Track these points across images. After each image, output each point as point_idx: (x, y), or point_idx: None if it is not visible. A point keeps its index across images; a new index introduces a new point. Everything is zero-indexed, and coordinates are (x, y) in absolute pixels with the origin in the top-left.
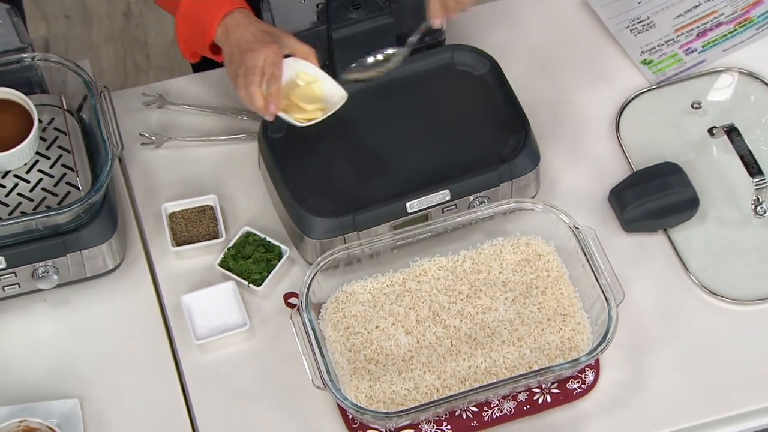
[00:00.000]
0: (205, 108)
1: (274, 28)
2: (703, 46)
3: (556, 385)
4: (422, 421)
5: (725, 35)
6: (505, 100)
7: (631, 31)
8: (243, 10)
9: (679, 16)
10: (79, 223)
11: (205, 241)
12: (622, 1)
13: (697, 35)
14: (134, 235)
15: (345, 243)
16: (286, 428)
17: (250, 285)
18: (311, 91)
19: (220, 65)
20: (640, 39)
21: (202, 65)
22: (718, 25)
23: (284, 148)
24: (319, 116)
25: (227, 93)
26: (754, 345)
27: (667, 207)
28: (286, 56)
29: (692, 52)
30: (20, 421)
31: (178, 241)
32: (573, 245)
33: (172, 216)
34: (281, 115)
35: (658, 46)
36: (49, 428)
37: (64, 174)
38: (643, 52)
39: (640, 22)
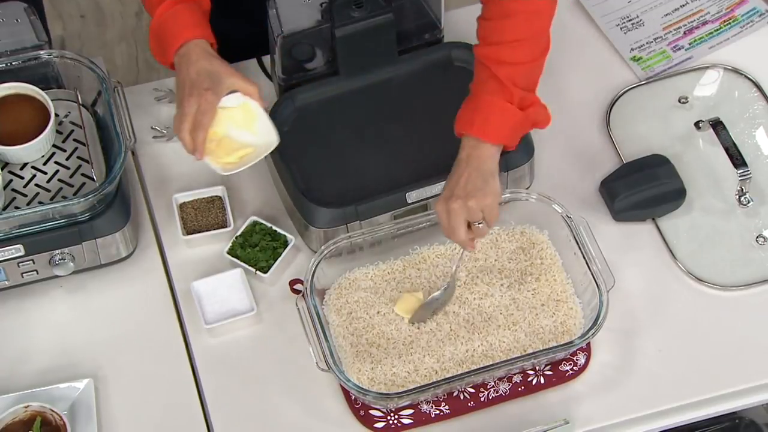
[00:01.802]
0: None
1: (221, 67)
2: (690, 44)
3: (549, 367)
4: (422, 402)
5: (711, 33)
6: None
7: (621, 29)
8: (198, 42)
9: (667, 14)
10: (94, 213)
11: (214, 230)
12: None
13: (684, 33)
14: (146, 224)
15: (348, 232)
16: (292, 409)
17: (257, 272)
18: (242, 137)
19: None
20: (629, 36)
21: None
22: (704, 23)
23: (290, 141)
24: (246, 161)
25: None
26: (737, 329)
27: (656, 197)
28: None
29: (679, 49)
30: (25, 407)
31: (189, 230)
32: (566, 234)
33: (182, 206)
34: (206, 160)
35: (646, 43)
36: (53, 411)
37: (80, 166)
38: (632, 49)
39: (629, 20)
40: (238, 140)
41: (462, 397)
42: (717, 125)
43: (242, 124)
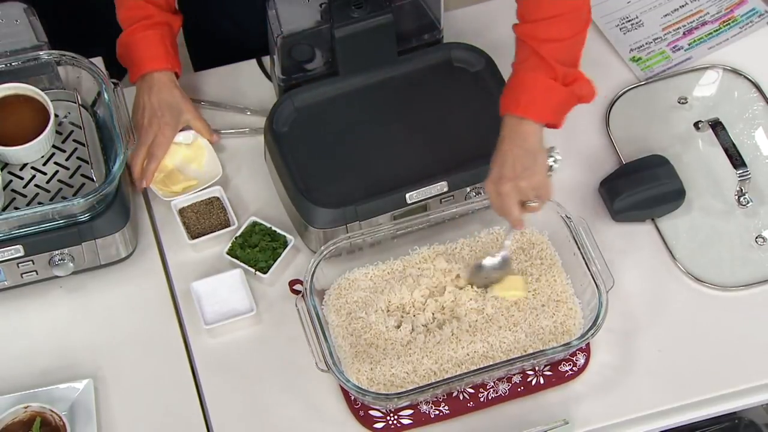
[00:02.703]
0: (211, 103)
1: (182, 102)
2: (689, 44)
3: (549, 367)
4: (421, 402)
5: (710, 33)
6: (500, 95)
7: (620, 29)
8: (165, 73)
9: (666, 15)
10: (94, 213)
11: (217, 230)
12: (612, 0)
13: (684, 33)
14: (146, 224)
15: (347, 232)
16: (291, 409)
17: (257, 272)
18: (189, 171)
19: (223, 63)
20: (629, 37)
21: (206, 64)
22: (704, 23)
23: (289, 142)
24: (189, 191)
25: (232, 89)
26: (736, 329)
27: (655, 198)
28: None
29: (679, 49)
30: (25, 407)
31: (193, 233)
32: (565, 234)
33: (182, 211)
34: (152, 187)
35: (646, 44)
36: (53, 412)
37: (79, 166)
38: (632, 50)
39: (629, 20)
40: (185, 174)
41: (461, 398)
42: (716, 126)
43: (191, 160)
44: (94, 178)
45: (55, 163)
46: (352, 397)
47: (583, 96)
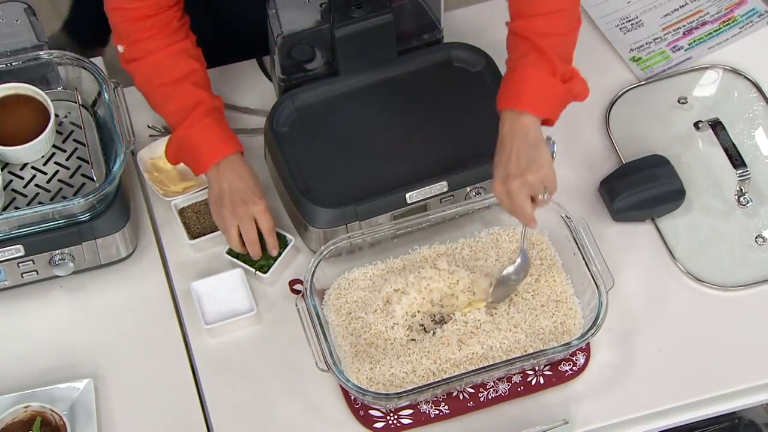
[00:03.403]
0: None
1: (255, 182)
2: (689, 44)
3: (548, 367)
4: (421, 402)
5: (710, 33)
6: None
7: (620, 29)
8: (239, 155)
9: (666, 15)
10: (94, 213)
11: (218, 230)
12: (612, 0)
13: (684, 33)
14: (146, 224)
15: (347, 232)
16: (291, 409)
17: (257, 272)
18: (186, 170)
19: (223, 63)
20: (629, 37)
21: (208, 63)
22: (704, 23)
23: (289, 142)
24: (188, 191)
25: (232, 89)
26: (736, 329)
27: (655, 197)
28: None
29: (679, 49)
30: (25, 407)
31: (193, 233)
32: (565, 234)
33: (182, 211)
34: (152, 187)
35: (646, 43)
36: (53, 412)
37: (80, 166)
38: (632, 50)
39: (629, 20)
40: (185, 174)
41: (461, 398)
42: (716, 126)
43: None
44: (95, 178)
45: (56, 162)
46: (352, 397)
47: (578, 94)
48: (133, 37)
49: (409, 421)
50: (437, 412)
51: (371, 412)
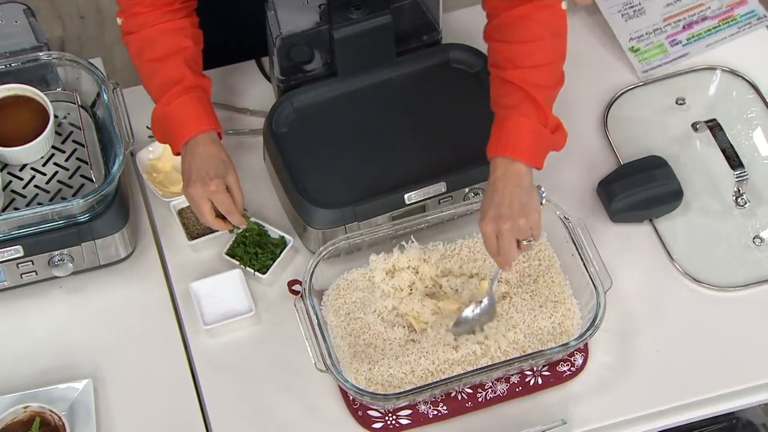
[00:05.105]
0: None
1: (226, 158)
2: (687, 39)
3: (547, 367)
4: (420, 402)
5: (709, 30)
6: None
7: (622, 15)
8: (209, 134)
9: (668, 5)
10: (93, 214)
11: (217, 231)
12: None
13: (683, 27)
14: (145, 225)
15: (346, 233)
16: (290, 409)
17: (256, 273)
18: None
19: (223, 64)
20: (630, 25)
21: (205, 65)
22: (704, 18)
23: (288, 143)
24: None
25: (231, 90)
26: (734, 329)
27: (653, 198)
28: None
29: (677, 44)
30: (24, 407)
31: (192, 234)
32: (563, 235)
33: (181, 212)
34: (151, 187)
35: (645, 34)
36: (52, 412)
37: (79, 167)
38: (631, 39)
39: (632, 7)
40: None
41: (460, 398)
42: (714, 127)
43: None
44: (94, 179)
45: (55, 163)
46: (351, 397)
47: (560, 143)
48: (131, 10)
49: (408, 421)
50: (436, 412)
51: (370, 412)
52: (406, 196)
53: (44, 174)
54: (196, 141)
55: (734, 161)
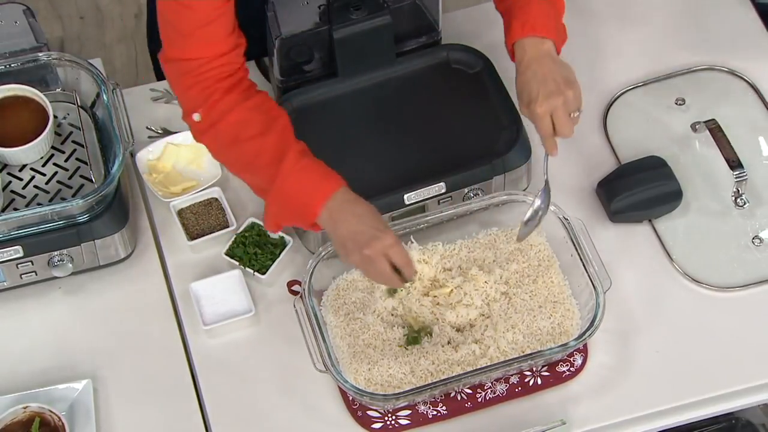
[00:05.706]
0: None
1: (371, 214)
2: None
3: (546, 368)
4: (419, 403)
5: None
6: (498, 97)
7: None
8: (345, 189)
9: None
10: (93, 214)
11: (217, 231)
12: None
13: None
14: (145, 225)
15: None
16: (289, 409)
17: (256, 273)
18: (188, 172)
19: None
20: None
21: None
22: None
23: None
24: (189, 192)
25: None
26: (733, 330)
27: (652, 199)
28: None
29: None
30: (24, 407)
31: (192, 234)
32: (563, 235)
33: (181, 212)
34: (151, 188)
35: None
36: (52, 412)
37: (78, 167)
38: None
39: None
40: (184, 174)
41: (459, 398)
42: (714, 127)
43: (191, 161)
44: (93, 179)
45: (54, 164)
46: (350, 398)
47: (565, 36)
48: (210, 101)
49: (407, 421)
50: (435, 412)
51: (369, 412)
52: (405, 196)
53: (44, 174)
54: (338, 200)
55: (733, 162)
